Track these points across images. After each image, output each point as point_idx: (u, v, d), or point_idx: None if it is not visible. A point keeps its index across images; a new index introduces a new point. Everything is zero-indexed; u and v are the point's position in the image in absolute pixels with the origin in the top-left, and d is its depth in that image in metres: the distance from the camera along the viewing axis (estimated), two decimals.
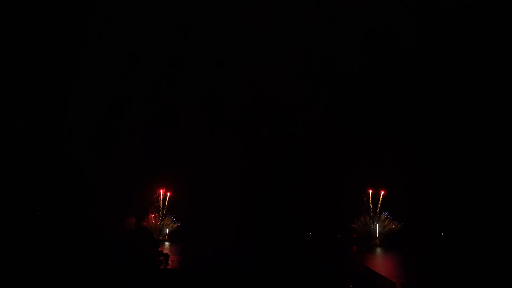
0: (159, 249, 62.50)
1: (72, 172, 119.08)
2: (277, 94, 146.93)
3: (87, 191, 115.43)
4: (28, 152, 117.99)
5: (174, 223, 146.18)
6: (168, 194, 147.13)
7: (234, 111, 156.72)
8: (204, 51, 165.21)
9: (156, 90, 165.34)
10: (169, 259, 62.69)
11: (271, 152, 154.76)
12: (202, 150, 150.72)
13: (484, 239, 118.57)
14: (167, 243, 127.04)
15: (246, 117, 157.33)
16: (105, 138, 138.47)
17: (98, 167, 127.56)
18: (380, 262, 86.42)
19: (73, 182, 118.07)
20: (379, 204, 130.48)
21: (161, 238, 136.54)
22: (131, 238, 63.07)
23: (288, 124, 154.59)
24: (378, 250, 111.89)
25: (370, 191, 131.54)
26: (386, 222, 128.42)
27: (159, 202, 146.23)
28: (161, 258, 60.77)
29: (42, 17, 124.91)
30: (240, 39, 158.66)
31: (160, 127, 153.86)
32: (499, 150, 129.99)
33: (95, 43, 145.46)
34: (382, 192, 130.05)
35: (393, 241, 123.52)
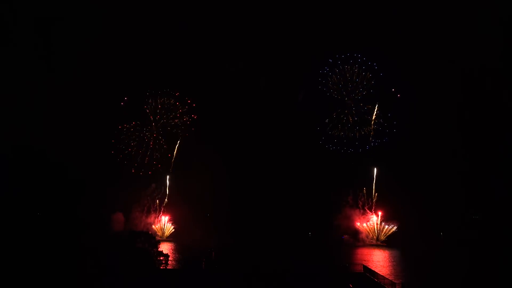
0: (159, 249, 62.51)
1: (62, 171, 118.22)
2: None
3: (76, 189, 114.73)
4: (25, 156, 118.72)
5: (173, 226, 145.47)
6: (168, 217, 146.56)
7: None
8: None
9: None
10: (169, 259, 62.80)
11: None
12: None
13: (484, 239, 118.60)
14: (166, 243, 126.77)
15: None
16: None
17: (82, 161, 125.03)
18: (380, 261, 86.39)
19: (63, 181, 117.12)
20: (374, 203, 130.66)
21: (161, 238, 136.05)
22: (131, 238, 63.11)
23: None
24: (378, 249, 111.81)
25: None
26: (381, 225, 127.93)
27: (148, 199, 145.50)
28: (161, 258, 60.84)
29: None
30: None
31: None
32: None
33: None
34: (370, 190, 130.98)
35: (393, 240, 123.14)
